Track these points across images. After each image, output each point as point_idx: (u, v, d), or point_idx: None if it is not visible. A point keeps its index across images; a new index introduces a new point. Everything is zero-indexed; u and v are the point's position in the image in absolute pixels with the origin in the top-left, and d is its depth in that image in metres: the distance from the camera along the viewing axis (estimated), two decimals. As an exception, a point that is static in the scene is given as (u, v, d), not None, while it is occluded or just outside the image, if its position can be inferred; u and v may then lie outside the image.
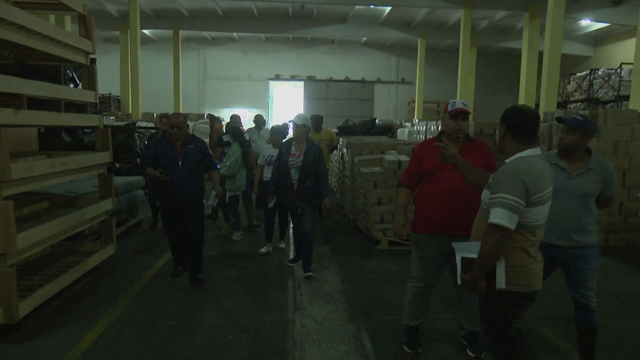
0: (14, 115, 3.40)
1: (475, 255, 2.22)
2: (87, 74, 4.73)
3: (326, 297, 4.42)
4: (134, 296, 4.32)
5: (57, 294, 3.97)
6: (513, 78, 19.01)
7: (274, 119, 25.71)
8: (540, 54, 13.48)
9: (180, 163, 4.55)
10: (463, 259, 2.31)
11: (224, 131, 9.25)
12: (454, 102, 3.11)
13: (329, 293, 4.52)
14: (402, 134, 13.71)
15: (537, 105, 15.73)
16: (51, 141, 6.82)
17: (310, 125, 4.99)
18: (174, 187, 4.55)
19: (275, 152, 5.60)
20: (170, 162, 4.55)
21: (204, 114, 19.59)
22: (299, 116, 4.93)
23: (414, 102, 22.95)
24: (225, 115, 21.70)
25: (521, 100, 14.96)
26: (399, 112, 26.30)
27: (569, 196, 2.83)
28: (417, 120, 14.85)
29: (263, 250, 5.80)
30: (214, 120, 13.13)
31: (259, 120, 8.20)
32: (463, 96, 17.55)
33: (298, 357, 3.27)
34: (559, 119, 2.98)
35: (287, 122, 7.13)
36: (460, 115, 3.07)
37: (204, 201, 4.89)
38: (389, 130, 12.45)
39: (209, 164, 4.87)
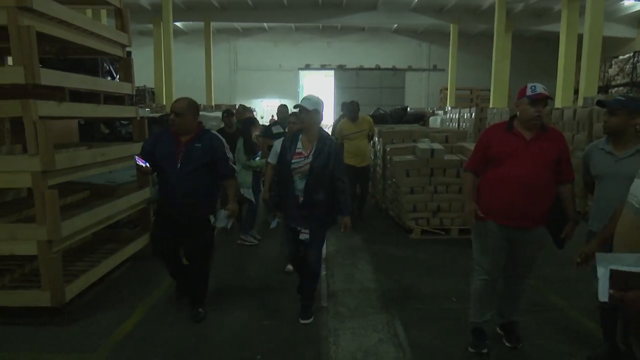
0: (57, 108, 3.54)
1: (636, 269, 1.79)
2: (124, 67, 4.85)
3: (359, 285, 4.43)
4: (171, 282, 4.43)
5: (98, 279, 4.13)
6: (550, 63, 18.33)
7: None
8: (580, 36, 12.95)
9: (179, 164, 3.44)
10: (615, 272, 1.82)
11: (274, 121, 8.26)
12: (534, 86, 2.86)
13: (361, 281, 4.53)
14: (435, 121, 13.50)
15: (577, 90, 15.17)
16: (90, 133, 7.05)
17: (322, 111, 3.52)
18: (168, 196, 3.52)
19: None
20: (167, 161, 3.47)
21: (235, 105, 19.79)
22: (308, 99, 3.51)
23: (446, 89, 22.49)
24: (256, 105, 21.89)
25: (559, 86, 14.45)
26: (430, 100, 25.85)
27: (617, 180, 2.67)
28: (449, 108, 14.58)
29: (290, 267, 4.59)
30: (245, 110, 13.25)
31: (283, 112, 6.85)
32: (497, 82, 17.11)
33: (332, 343, 3.30)
34: (599, 103, 2.88)
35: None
36: (542, 101, 2.85)
37: (212, 219, 3.63)
38: (420, 118, 12.29)
39: (221, 171, 3.60)
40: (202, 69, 22.29)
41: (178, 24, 22.25)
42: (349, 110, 6.61)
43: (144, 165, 3.40)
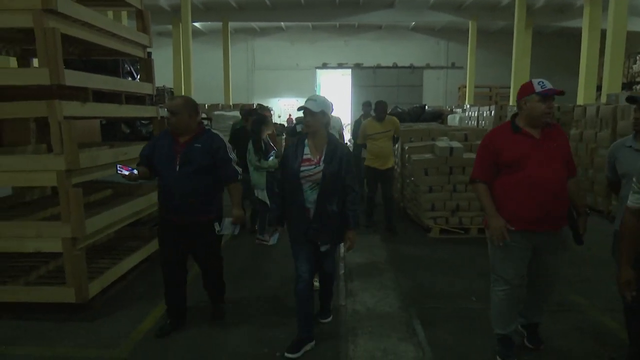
0: (81, 108, 3.62)
1: None
2: (145, 67, 4.93)
3: (377, 284, 4.43)
4: (190, 279, 4.49)
5: (120, 277, 4.21)
6: (572, 59, 18.00)
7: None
8: (603, 32, 12.69)
9: (177, 167, 3.23)
10: None
11: (293, 122, 8.23)
12: (543, 82, 2.72)
13: (379, 280, 4.52)
14: (453, 120, 13.37)
15: (599, 87, 14.86)
16: (112, 132, 7.19)
17: (329, 112, 3.19)
18: (167, 200, 3.30)
19: None
20: (164, 164, 3.26)
21: (253, 104, 19.91)
22: (313, 99, 3.11)
23: (465, 87, 22.28)
24: (274, 104, 21.95)
25: (581, 83, 14.18)
26: (449, 98, 25.63)
27: None
28: (468, 106, 14.42)
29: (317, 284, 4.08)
30: (263, 109, 13.33)
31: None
32: (518, 80, 16.85)
33: (351, 342, 3.30)
34: (630, 99, 2.81)
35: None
36: (552, 97, 2.73)
37: (217, 227, 3.34)
38: (439, 116, 12.18)
39: (224, 173, 3.34)
40: (220, 69, 22.49)
41: (197, 24, 22.50)
42: (378, 109, 6.21)
43: (127, 172, 3.19)
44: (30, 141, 4.96)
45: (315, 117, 3.06)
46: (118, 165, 3.24)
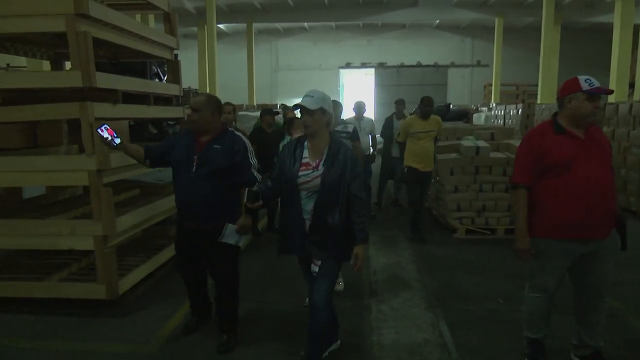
0: (112, 109, 3.71)
1: None
2: (173, 69, 5.02)
3: (401, 284, 4.40)
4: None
5: (148, 274, 4.29)
6: (603, 56, 17.47)
7: (346, 108, 25.74)
8: (636, 27, 12.29)
9: (194, 168, 3.05)
10: None
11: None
12: (590, 80, 2.58)
13: (404, 280, 4.49)
14: (479, 118, 13.19)
15: (632, 84, 14.41)
16: (140, 133, 7.32)
17: (329, 109, 2.73)
18: (182, 204, 3.16)
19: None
20: (181, 164, 3.10)
21: (276, 104, 20.05)
22: (310, 95, 2.69)
23: (491, 85, 21.90)
24: (296, 105, 21.93)
25: (612, 80, 13.76)
26: (474, 97, 25.22)
27: None
28: (494, 104, 14.19)
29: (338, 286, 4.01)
30: (287, 109, 13.40)
31: (360, 107, 6.96)
32: (546, 77, 16.47)
33: (376, 342, 3.29)
34: None
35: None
36: (599, 96, 2.61)
37: (224, 232, 3.08)
38: (464, 115, 12.05)
39: (242, 179, 3.08)
40: (244, 70, 22.68)
41: (221, 26, 22.75)
42: (423, 105, 5.76)
43: (107, 137, 2.98)
44: (62, 142, 5.10)
45: (314, 115, 2.65)
46: (105, 125, 3.00)
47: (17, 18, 3.39)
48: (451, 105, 12.63)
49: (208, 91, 18.85)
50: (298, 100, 2.74)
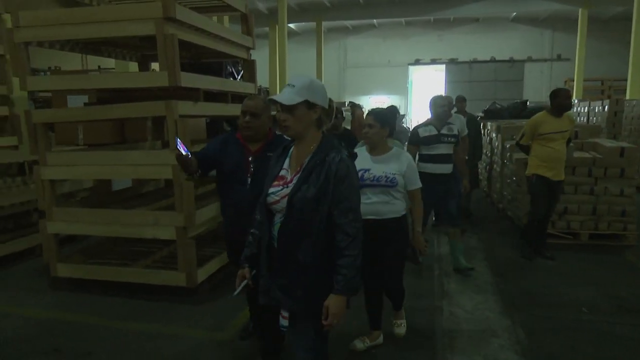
0: (193, 107, 3.91)
1: None
2: (249, 68, 5.19)
3: (475, 287, 4.26)
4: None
5: (224, 265, 4.48)
6: None
7: (414, 106, 25.34)
8: None
9: (249, 179, 2.71)
10: None
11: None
12: None
13: (477, 284, 4.35)
14: (559, 116, 12.40)
15: None
16: (215, 130, 7.65)
17: (320, 102, 1.93)
18: (232, 221, 2.81)
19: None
20: (236, 175, 2.75)
21: (344, 102, 20.12)
22: (294, 85, 1.91)
23: (572, 80, 20.53)
24: (364, 102, 21.92)
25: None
26: (553, 93, 23.80)
27: None
28: (576, 101, 13.31)
29: (359, 345, 3.15)
30: (355, 107, 13.38)
31: (450, 104, 5.43)
32: (636, 71, 15.17)
33: (447, 345, 3.22)
34: None
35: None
36: None
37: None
38: (542, 112, 11.36)
39: None
40: (314, 68, 22.94)
41: (291, 25, 23.17)
42: (560, 98, 4.66)
43: (184, 152, 2.56)
44: (147, 138, 5.45)
45: (295, 112, 1.88)
46: (178, 139, 2.64)
47: (112, 23, 3.66)
48: (528, 102, 11.97)
49: (278, 89, 19.30)
50: (366, 97, 2.55)
